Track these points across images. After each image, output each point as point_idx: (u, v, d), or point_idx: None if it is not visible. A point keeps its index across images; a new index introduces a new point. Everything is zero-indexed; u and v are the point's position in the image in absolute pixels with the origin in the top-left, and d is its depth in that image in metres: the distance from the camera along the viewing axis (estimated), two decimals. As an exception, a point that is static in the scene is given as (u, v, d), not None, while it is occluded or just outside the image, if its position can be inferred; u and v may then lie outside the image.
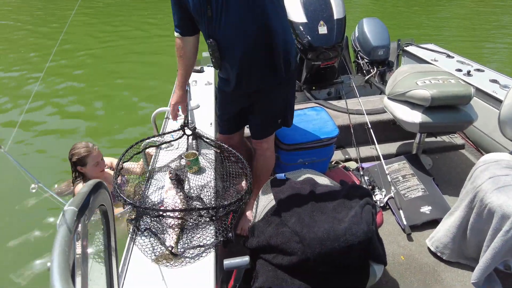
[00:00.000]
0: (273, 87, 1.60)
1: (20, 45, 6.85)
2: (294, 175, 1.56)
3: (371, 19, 3.26)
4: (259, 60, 1.54)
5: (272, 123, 1.72)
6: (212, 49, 1.50)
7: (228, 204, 1.31)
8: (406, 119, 2.03)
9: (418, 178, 2.12)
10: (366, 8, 10.35)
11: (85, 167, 2.29)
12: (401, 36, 3.46)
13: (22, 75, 5.41)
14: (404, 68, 2.26)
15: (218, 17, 1.40)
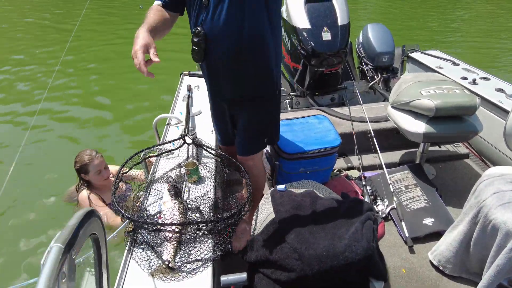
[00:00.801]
0: (255, 102, 1.53)
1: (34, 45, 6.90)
2: (294, 186, 1.54)
3: (376, 25, 3.24)
4: (242, 66, 1.43)
5: (257, 141, 1.65)
6: (199, 38, 1.37)
7: (227, 217, 1.29)
8: (410, 129, 2.01)
9: (421, 188, 2.09)
10: (381, 10, 10.28)
11: (88, 175, 2.29)
12: (412, 41, 3.43)
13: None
14: (408, 76, 2.23)
15: (212, 6, 1.31)
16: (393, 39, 3.19)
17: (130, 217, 1.20)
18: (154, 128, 2.25)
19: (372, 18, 9.27)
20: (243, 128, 1.63)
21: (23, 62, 5.97)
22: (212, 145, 2.03)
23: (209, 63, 1.47)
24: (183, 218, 1.37)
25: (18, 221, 2.57)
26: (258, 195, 1.81)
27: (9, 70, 5.67)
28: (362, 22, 7.96)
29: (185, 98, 2.40)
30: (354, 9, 9.79)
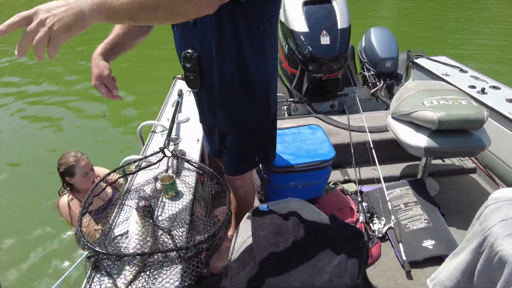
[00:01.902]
0: (246, 126, 1.39)
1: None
2: (278, 206, 1.40)
3: (379, 29, 3.08)
4: (232, 93, 1.28)
5: (247, 161, 1.49)
6: (192, 63, 1.21)
7: (198, 243, 1.16)
8: (410, 142, 1.85)
9: (422, 207, 1.93)
10: (399, 11, 10.04)
11: (73, 177, 2.16)
12: (425, 47, 3.28)
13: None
14: (410, 84, 2.08)
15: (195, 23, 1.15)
16: (398, 44, 3.03)
17: (92, 247, 1.08)
18: (138, 135, 2.14)
19: (385, 19, 9.04)
20: (232, 148, 1.48)
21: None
22: (196, 155, 1.91)
23: (201, 89, 1.32)
24: (152, 239, 1.25)
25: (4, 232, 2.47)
26: (244, 214, 1.68)
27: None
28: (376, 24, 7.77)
29: (175, 104, 2.28)
30: (367, 11, 9.62)
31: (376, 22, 8.28)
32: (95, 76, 1.08)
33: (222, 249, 1.80)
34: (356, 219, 1.94)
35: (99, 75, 1.07)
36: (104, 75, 1.07)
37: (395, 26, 8.21)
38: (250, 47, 1.20)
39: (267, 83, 1.33)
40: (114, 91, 1.09)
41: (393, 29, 3.22)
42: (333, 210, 1.94)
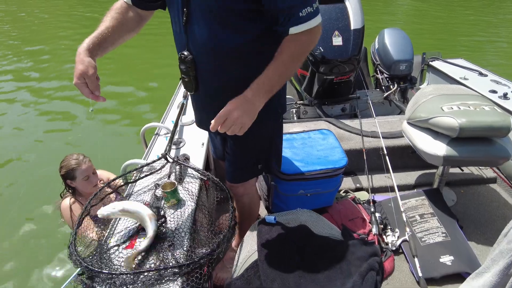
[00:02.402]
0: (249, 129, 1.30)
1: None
2: (287, 218, 1.31)
3: (393, 30, 2.96)
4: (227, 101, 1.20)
5: (249, 168, 1.40)
6: (186, 65, 1.14)
7: (197, 259, 1.07)
8: (428, 150, 1.74)
9: (439, 219, 1.81)
10: (414, 12, 9.84)
11: (75, 181, 2.08)
12: (442, 48, 3.15)
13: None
14: (428, 88, 1.96)
15: (188, 24, 1.08)
16: (413, 46, 2.91)
17: (87, 265, 1.00)
18: (141, 137, 2.06)
19: (400, 20, 8.83)
20: (232, 153, 1.39)
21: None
22: (201, 159, 1.82)
23: (197, 95, 1.24)
24: (156, 252, 1.17)
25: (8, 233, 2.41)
26: (249, 223, 1.59)
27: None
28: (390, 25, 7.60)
29: (180, 106, 2.20)
30: (381, 12, 9.44)
31: (390, 23, 8.11)
32: (78, 73, 0.99)
33: (225, 259, 1.70)
34: (368, 230, 1.83)
35: (83, 73, 0.99)
36: (88, 74, 0.99)
37: (410, 27, 8.03)
38: (253, 52, 1.12)
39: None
40: (96, 92, 1.01)
41: (408, 30, 3.09)
42: (344, 221, 1.84)
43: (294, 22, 0.99)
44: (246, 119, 1.00)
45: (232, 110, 0.98)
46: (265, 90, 1.03)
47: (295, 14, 0.98)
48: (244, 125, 1.01)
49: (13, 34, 7.87)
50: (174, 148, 1.83)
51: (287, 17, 1.00)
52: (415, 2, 11.12)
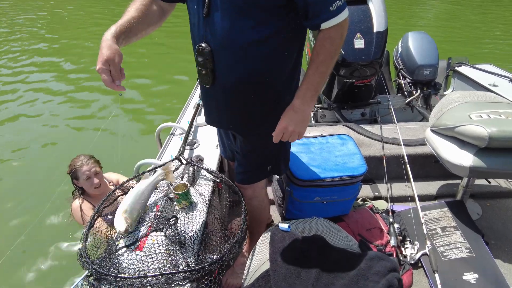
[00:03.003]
0: (259, 128, 1.26)
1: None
2: (301, 227, 1.25)
3: (418, 33, 2.86)
4: (244, 96, 1.17)
5: (258, 170, 1.36)
6: (204, 57, 1.11)
7: (206, 265, 1.03)
8: (453, 160, 1.65)
9: (463, 233, 1.72)
10: (441, 15, 9.52)
11: (78, 181, 2.17)
12: (469, 53, 3.02)
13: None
14: (454, 95, 1.87)
15: (208, 16, 1.06)
16: (438, 51, 2.79)
17: (94, 267, 0.98)
18: (156, 137, 2.05)
19: (426, 23, 8.57)
20: (241, 153, 1.36)
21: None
22: (215, 161, 1.79)
23: (213, 88, 1.21)
24: (165, 255, 1.14)
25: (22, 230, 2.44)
26: (258, 228, 1.55)
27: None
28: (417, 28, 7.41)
29: (195, 106, 2.18)
30: (406, 14, 9.20)
31: (417, 27, 7.86)
32: (103, 59, 0.95)
33: (236, 265, 1.66)
34: (386, 241, 1.75)
35: (109, 59, 0.96)
36: (114, 61, 0.96)
37: (439, 30, 7.76)
38: (272, 46, 1.08)
39: (287, 89, 1.20)
40: (117, 82, 0.98)
41: (436, 34, 2.98)
42: (361, 231, 1.77)
43: (324, 17, 0.99)
44: (301, 128, 1.13)
45: (287, 126, 1.11)
46: (311, 94, 1.09)
47: (326, 8, 0.97)
48: (301, 134, 1.14)
49: (47, 28, 8.16)
50: (188, 149, 1.81)
51: (317, 11, 0.99)
52: (446, 5, 10.78)
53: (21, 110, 4.25)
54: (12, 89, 4.90)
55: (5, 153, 3.35)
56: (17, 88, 4.93)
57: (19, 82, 5.15)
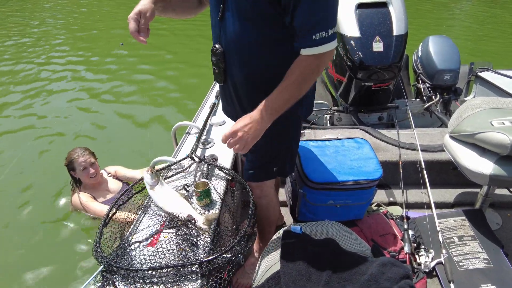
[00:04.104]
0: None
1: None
2: (313, 229, 1.24)
3: (439, 37, 2.80)
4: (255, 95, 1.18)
5: (264, 169, 1.37)
6: (217, 57, 1.19)
7: (215, 257, 1.04)
8: (472, 168, 1.61)
9: (481, 243, 1.67)
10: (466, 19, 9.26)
11: (75, 172, 2.32)
12: (494, 59, 2.94)
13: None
14: (475, 101, 1.82)
15: (222, 19, 1.13)
16: (460, 55, 2.73)
17: (108, 261, 1.01)
18: (172, 136, 2.07)
19: (449, 26, 8.35)
20: (250, 151, 1.37)
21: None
22: (228, 160, 1.80)
23: (225, 85, 1.29)
24: (177, 251, 1.15)
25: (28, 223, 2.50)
26: (268, 228, 1.55)
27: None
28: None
29: (211, 106, 2.20)
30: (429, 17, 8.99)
31: (437, 30, 7.66)
32: (137, 10, 1.04)
33: (246, 265, 1.67)
34: (399, 248, 1.72)
35: (142, 12, 1.04)
36: (146, 15, 1.04)
37: (459, 34, 7.54)
38: (273, 50, 1.12)
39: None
40: (142, 34, 1.05)
41: (456, 38, 2.90)
42: (374, 236, 1.74)
43: (306, 44, 0.99)
44: (249, 138, 1.04)
45: (237, 131, 1.04)
46: (271, 110, 1.04)
47: (308, 36, 0.97)
48: (247, 145, 1.06)
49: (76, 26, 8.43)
50: (202, 148, 1.82)
51: (300, 35, 0.99)
52: (479, 7, 10.47)
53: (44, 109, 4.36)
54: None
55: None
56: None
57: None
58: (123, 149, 3.38)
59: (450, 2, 11.39)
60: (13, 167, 3.08)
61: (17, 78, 5.28)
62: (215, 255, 1.06)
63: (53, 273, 2.13)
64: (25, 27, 8.42)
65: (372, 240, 1.72)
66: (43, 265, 2.17)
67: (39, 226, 2.44)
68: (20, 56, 6.35)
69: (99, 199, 2.35)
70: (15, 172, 3.02)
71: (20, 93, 4.74)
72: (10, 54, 6.48)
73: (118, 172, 2.56)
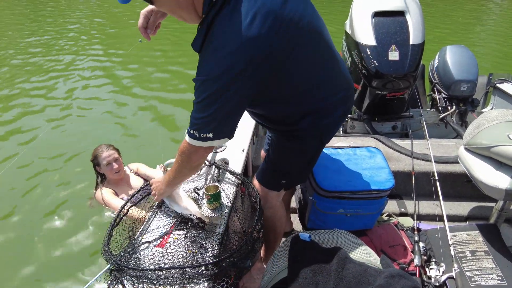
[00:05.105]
0: (282, 136, 1.31)
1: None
2: (322, 237, 1.24)
3: (457, 47, 2.76)
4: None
5: (273, 178, 1.39)
6: None
7: (220, 260, 1.05)
8: (487, 181, 1.57)
9: (495, 259, 1.63)
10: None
11: (100, 167, 2.39)
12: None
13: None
14: (492, 113, 1.78)
15: None
16: (478, 66, 2.68)
17: (116, 261, 1.03)
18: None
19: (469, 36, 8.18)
20: (267, 156, 1.41)
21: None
22: (239, 165, 1.81)
23: None
24: (185, 253, 1.17)
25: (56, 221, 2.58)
26: (274, 239, 1.56)
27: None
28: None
29: None
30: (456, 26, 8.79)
31: (455, 40, 7.52)
32: (150, 8, 1.11)
33: (253, 269, 1.66)
34: (409, 260, 1.69)
35: (154, 10, 1.12)
36: (157, 14, 1.12)
37: (478, 44, 7.39)
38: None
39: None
40: (148, 30, 1.13)
41: (487, 49, 2.85)
42: (384, 247, 1.72)
43: (186, 130, 1.07)
44: (157, 193, 1.33)
45: (152, 184, 1.39)
46: (167, 181, 1.25)
47: (189, 126, 1.05)
48: (156, 196, 1.34)
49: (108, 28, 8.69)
50: (214, 151, 1.83)
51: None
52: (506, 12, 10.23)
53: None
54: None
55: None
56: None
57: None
58: (146, 147, 3.47)
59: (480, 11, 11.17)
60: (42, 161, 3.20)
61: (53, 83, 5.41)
62: (220, 258, 1.07)
63: (66, 267, 2.19)
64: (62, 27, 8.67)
65: (381, 251, 1.70)
66: (56, 259, 2.24)
67: (58, 219, 2.54)
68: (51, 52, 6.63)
69: (120, 195, 2.41)
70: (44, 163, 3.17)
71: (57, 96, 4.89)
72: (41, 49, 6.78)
73: (140, 169, 2.62)
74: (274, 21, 0.91)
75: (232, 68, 0.91)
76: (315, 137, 1.27)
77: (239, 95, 0.98)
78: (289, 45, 0.97)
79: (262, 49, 0.91)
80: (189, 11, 0.96)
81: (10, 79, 5.47)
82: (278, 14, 0.92)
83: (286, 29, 0.94)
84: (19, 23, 9.71)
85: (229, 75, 0.92)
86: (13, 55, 6.69)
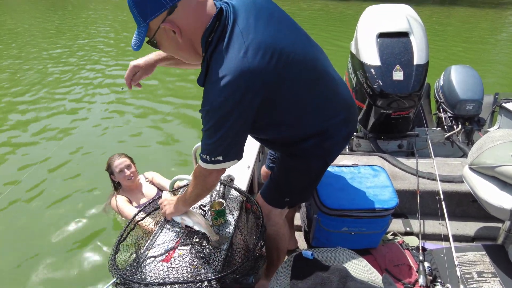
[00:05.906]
0: (288, 155, 1.35)
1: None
2: (325, 255, 1.25)
3: (462, 67, 2.79)
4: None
5: (276, 196, 1.41)
6: None
7: (222, 276, 1.07)
8: (492, 201, 1.57)
9: (502, 281, 1.61)
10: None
11: (114, 175, 2.47)
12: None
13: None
14: (497, 133, 1.79)
15: None
16: (483, 85, 2.70)
17: (121, 274, 1.06)
18: (193, 155, 2.14)
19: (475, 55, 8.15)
20: (273, 173, 1.45)
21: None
22: (245, 182, 1.84)
23: None
24: (190, 268, 1.19)
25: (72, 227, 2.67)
26: (276, 257, 1.57)
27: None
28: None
29: None
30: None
31: (460, 60, 7.53)
32: (137, 63, 1.26)
33: (256, 287, 1.67)
34: (414, 280, 1.68)
35: (139, 67, 1.26)
36: (142, 73, 1.27)
37: (484, 64, 7.38)
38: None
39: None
40: (133, 82, 1.27)
41: (480, 68, 2.88)
42: (389, 266, 1.71)
43: (200, 156, 1.14)
44: (167, 211, 1.39)
45: (162, 202, 1.44)
46: (181, 201, 1.34)
47: (201, 151, 1.12)
48: (167, 215, 1.40)
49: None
50: None
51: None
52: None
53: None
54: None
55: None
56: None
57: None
58: (162, 158, 3.62)
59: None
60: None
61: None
62: (223, 274, 1.09)
63: (72, 279, 2.24)
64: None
65: (386, 270, 1.70)
66: (64, 266, 2.31)
67: (71, 228, 2.64)
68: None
69: (134, 203, 2.48)
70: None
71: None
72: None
73: (155, 179, 2.69)
74: (265, 52, 0.99)
75: (231, 98, 0.98)
76: (319, 157, 1.30)
77: (241, 121, 1.05)
78: (283, 73, 1.04)
79: (257, 78, 0.98)
80: (190, 51, 1.06)
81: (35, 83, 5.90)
82: (268, 45, 0.99)
83: (279, 58, 1.01)
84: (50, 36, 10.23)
85: (229, 104, 0.99)
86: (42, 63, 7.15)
